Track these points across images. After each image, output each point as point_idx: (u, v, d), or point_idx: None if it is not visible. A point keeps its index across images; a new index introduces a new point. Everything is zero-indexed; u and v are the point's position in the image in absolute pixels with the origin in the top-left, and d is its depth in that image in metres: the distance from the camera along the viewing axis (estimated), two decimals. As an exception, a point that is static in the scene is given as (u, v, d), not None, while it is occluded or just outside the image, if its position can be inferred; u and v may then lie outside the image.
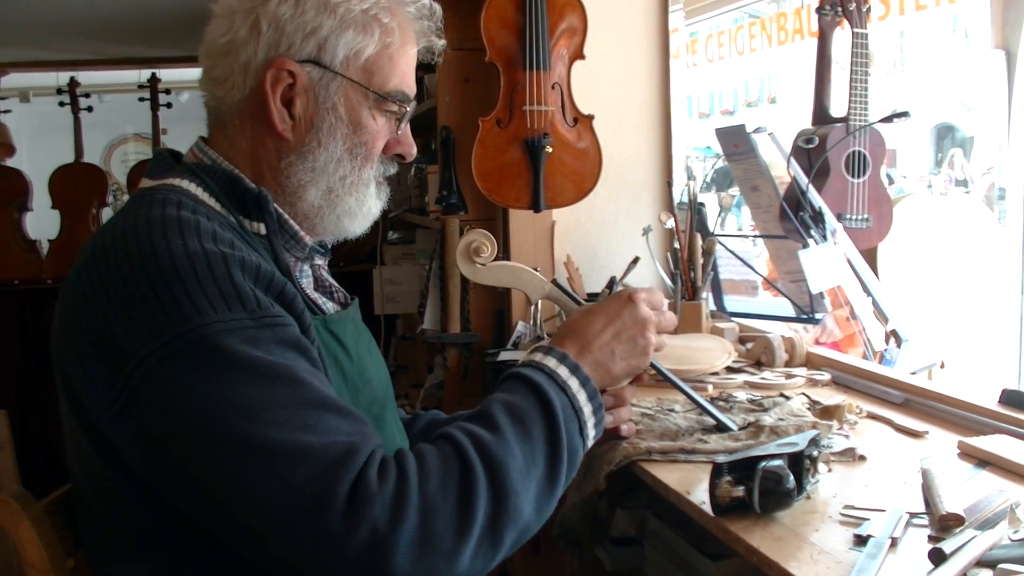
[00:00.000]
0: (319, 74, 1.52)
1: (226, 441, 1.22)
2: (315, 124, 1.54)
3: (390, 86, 1.57)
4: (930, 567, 1.25)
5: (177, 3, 4.87)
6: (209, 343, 1.26)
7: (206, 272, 1.31)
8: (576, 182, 3.05)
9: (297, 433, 1.23)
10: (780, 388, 2.31)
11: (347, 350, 1.59)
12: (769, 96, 5.35)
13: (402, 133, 1.64)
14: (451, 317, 3.37)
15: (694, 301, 2.84)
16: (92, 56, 6.24)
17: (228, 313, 1.29)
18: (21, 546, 1.52)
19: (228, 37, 1.52)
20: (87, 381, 1.33)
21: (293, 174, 1.55)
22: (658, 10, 3.39)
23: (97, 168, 6.11)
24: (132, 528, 1.39)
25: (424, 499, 1.23)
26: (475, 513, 1.26)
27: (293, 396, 1.26)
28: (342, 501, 1.19)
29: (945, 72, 4.04)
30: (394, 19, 1.57)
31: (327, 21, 1.51)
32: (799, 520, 1.46)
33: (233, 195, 1.52)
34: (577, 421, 1.44)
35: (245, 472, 1.21)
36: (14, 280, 5.64)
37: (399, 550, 1.19)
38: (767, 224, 3.03)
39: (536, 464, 1.35)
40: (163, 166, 1.56)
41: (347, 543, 1.18)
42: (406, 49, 1.60)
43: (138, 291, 1.29)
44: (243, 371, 1.26)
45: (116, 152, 8.99)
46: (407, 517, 1.21)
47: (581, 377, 1.48)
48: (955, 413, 1.99)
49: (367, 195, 1.62)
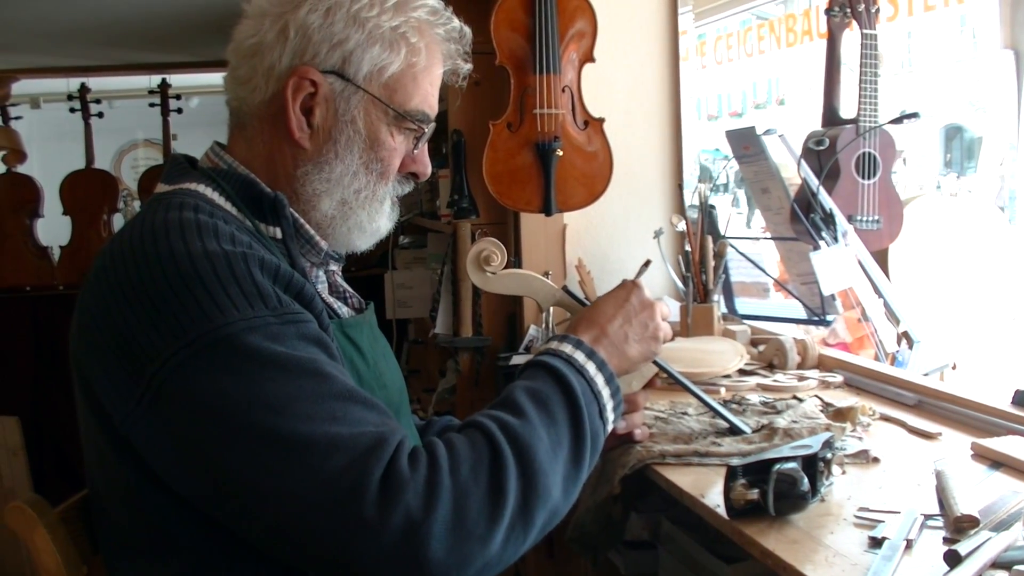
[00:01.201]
0: (341, 86, 1.53)
1: (255, 437, 1.23)
2: (333, 135, 1.54)
3: (411, 105, 1.58)
4: (945, 569, 1.25)
5: (187, 9, 4.88)
6: (233, 341, 1.27)
7: (226, 271, 1.32)
8: (587, 185, 3.05)
9: (326, 425, 1.24)
10: (793, 390, 2.31)
11: (363, 354, 1.59)
12: (777, 98, 5.33)
13: (419, 152, 1.65)
14: (463, 321, 3.37)
15: (706, 304, 2.84)
16: (102, 62, 6.26)
17: (250, 311, 1.30)
18: (36, 553, 1.52)
19: (256, 39, 1.53)
20: (108, 384, 1.34)
21: (309, 183, 1.55)
22: (668, 12, 3.38)
23: (108, 174, 6.12)
24: (150, 531, 1.40)
25: (456, 484, 1.25)
26: (507, 496, 1.27)
27: (319, 389, 1.27)
28: (375, 489, 1.20)
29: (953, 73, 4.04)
30: (422, 39, 1.57)
31: (355, 34, 1.52)
32: (814, 523, 1.46)
33: (249, 199, 1.52)
34: (597, 404, 1.47)
35: (276, 466, 1.22)
36: (26, 286, 5.65)
37: (434, 536, 1.20)
38: (778, 226, 3.03)
39: (562, 446, 1.38)
40: (179, 171, 1.57)
41: (382, 531, 1.19)
42: (431, 70, 1.61)
43: (158, 293, 1.30)
44: (269, 367, 1.26)
45: (126, 158, 9.00)
46: (440, 503, 1.22)
47: (597, 361, 1.52)
48: (968, 414, 1.99)
49: (380, 212, 1.62)
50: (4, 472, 4.29)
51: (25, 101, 7.30)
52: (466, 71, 1.69)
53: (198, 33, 5.50)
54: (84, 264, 5.71)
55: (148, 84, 6.23)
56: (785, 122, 4.27)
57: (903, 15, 4.09)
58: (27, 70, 5.90)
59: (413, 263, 4.33)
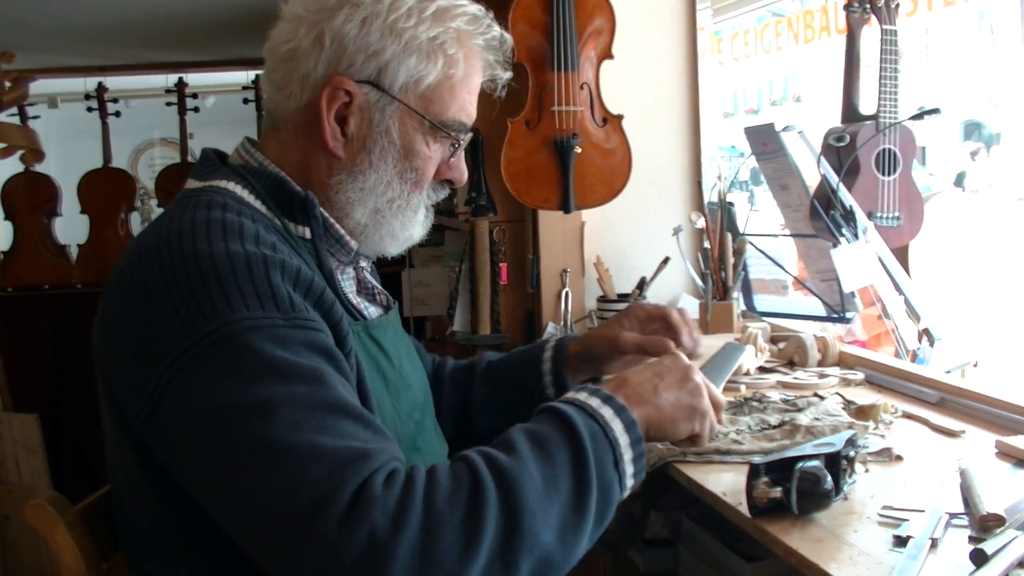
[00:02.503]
0: (376, 96, 1.52)
1: (239, 438, 1.21)
2: (367, 145, 1.54)
3: (447, 115, 1.57)
4: (972, 568, 1.24)
5: (205, 8, 4.88)
6: (236, 339, 1.26)
7: (244, 272, 1.31)
8: (606, 182, 3.04)
9: (312, 434, 1.20)
10: (813, 388, 2.30)
11: (388, 355, 1.59)
12: (794, 95, 5.31)
13: (455, 160, 1.64)
14: (481, 319, 3.37)
15: (725, 301, 2.83)
16: (119, 61, 6.27)
17: (260, 311, 1.29)
18: (57, 550, 1.53)
19: (291, 45, 1.53)
20: (125, 382, 1.34)
21: (342, 191, 1.56)
22: (686, 9, 3.38)
23: (125, 173, 6.13)
24: (169, 530, 1.40)
25: (428, 509, 1.17)
26: (483, 531, 1.18)
27: (313, 398, 1.24)
28: (343, 505, 1.15)
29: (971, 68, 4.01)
30: (461, 49, 1.56)
31: (391, 45, 1.51)
32: (837, 521, 1.45)
33: (279, 198, 1.52)
34: (612, 452, 1.34)
35: (253, 470, 1.19)
36: (44, 285, 5.67)
37: (398, 559, 1.13)
38: (797, 223, 3.02)
39: (558, 490, 1.26)
40: (209, 167, 1.57)
41: (344, 549, 1.13)
42: (469, 80, 1.60)
43: (178, 292, 1.30)
44: (265, 368, 1.25)
45: (143, 157, 9.02)
46: (408, 525, 1.15)
47: (615, 406, 1.39)
48: (992, 412, 1.97)
49: (413, 220, 1.62)
50: (23, 469, 4.30)
51: (43, 100, 7.31)
52: (505, 80, 1.68)
53: (215, 32, 5.50)
54: (101, 262, 5.73)
55: (165, 83, 6.23)
56: (802, 119, 4.25)
57: (922, 10, 4.07)
58: (45, 69, 5.90)
59: (431, 261, 4.32)
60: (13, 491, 4.25)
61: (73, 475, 5.27)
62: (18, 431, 4.28)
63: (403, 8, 1.52)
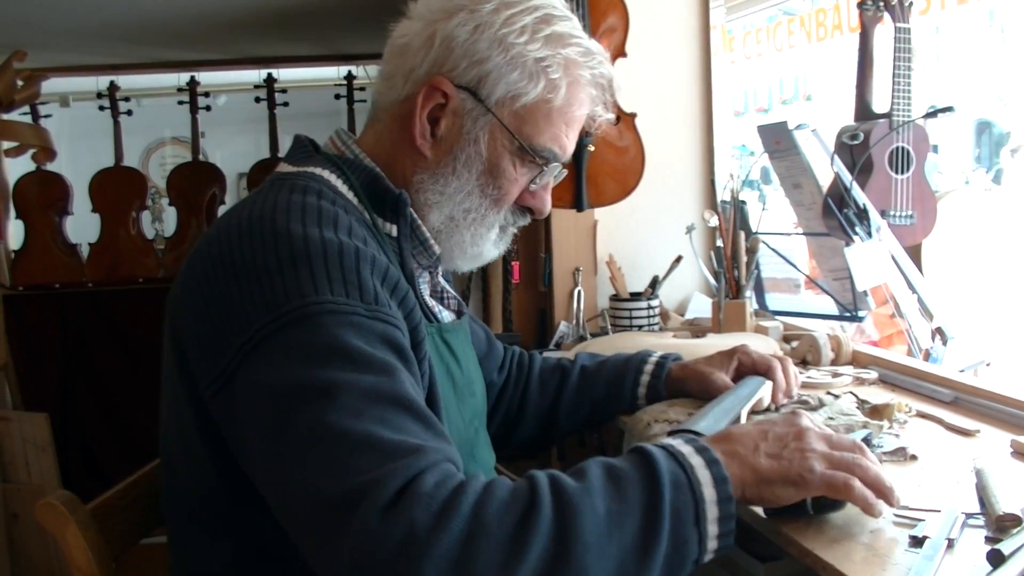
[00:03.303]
0: (472, 104, 1.53)
1: (299, 419, 1.20)
2: (454, 151, 1.54)
3: (538, 140, 1.56)
4: (989, 568, 1.23)
5: (216, 6, 4.88)
6: (314, 320, 1.26)
7: (335, 259, 1.31)
8: (619, 180, 3.04)
9: (370, 424, 1.19)
10: (827, 387, 2.29)
11: (458, 360, 1.59)
12: (805, 93, 5.31)
13: (539, 189, 1.63)
14: (493, 317, 3.37)
15: (738, 300, 2.82)
16: (131, 60, 6.27)
17: (344, 298, 1.29)
18: (67, 549, 1.53)
19: (405, 40, 1.55)
20: (202, 354, 1.34)
21: (423, 191, 1.56)
22: (699, 7, 3.37)
23: (137, 172, 6.13)
24: (222, 506, 1.40)
25: (476, 517, 1.12)
26: (529, 551, 1.11)
27: (378, 389, 1.23)
28: (388, 497, 1.11)
29: (981, 67, 4.00)
30: (566, 77, 1.55)
31: (496, 56, 1.51)
32: (852, 521, 1.44)
33: (372, 193, 1.53)
34: (694, 506, 1.23)
35: (307, 451, 1.18)
36: (55, 284, 5.67)
37: (432, 561, 1.08)
38: (810, 221, 3.01)
39: (623, 531, 1.17)
40: (303, 153, 1.58)
41: (381, 541, 1.09)
42: (569, 110, 1.58)
43: (266, 270, 1.30)
44: (337, 353, 1.24)
45: (154, 156, 9.02)
46: (450, 529, 1.10)
47: (708, 458, 1.28)
48: (1007, 411, 1.96)
49: (485, 238, 1.62)
50: (33, 468, 4.30)
51: (55, 99, 7.32)
52: (604, 121, 1.66)
53: (227, 31, 5.50)
54: (112, 261, 5.73)
55: (176, 82, 6.23)
56: (812, 117, 4.25)
57: (935, 9, 4.06)
58: (57, 68, 5.90)
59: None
60: (22, 490, 4.25)
61: (82, 474, 5.28)
62: (27, 430, 4.28)
63: (517, 24, 1.52)
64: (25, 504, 4.19)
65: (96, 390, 5.60)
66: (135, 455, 2.31)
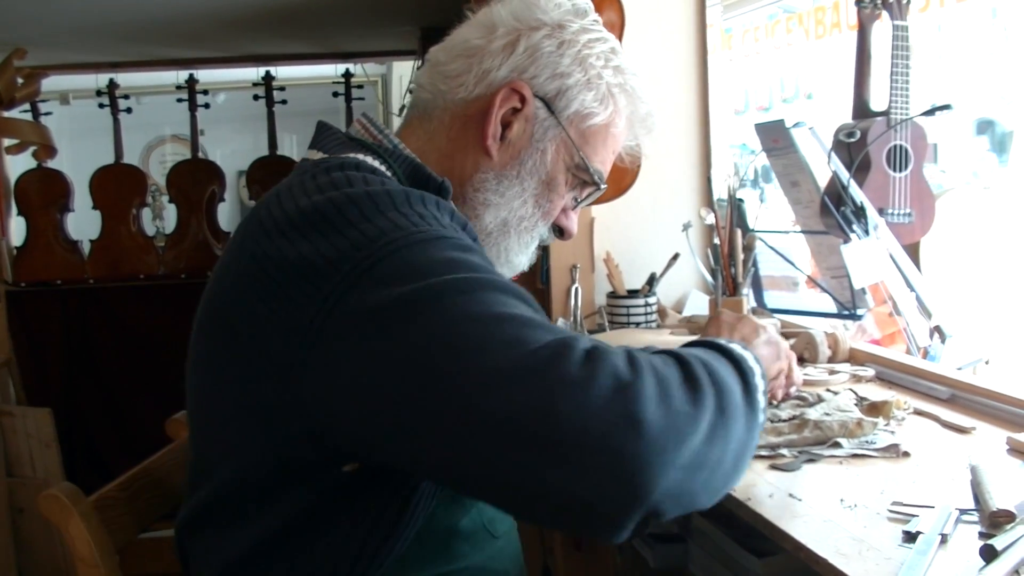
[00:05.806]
0: (545, 115, 1.54)
1: (449, 320, 1.14)
2: (521, 156, 1.55)
3: (594, 160, 1.60)
4: (981, 564, 1.23)
5: (215, 5, 4.89)
6: (421, 245, 1.22)
7: (418, 199, 1.31)
8: (615, 179, 3.03)
9: (522, 309, 1.17)
10: (824, 384, 2.29)
11: None
12: (805, 92, 5.30)
13: (574, 210, 1.66)
14: (491, 314, 3.37)
15: (735, 297, 2.83)
16: (131, 58, 6.29)
17: (440, 228, 1.27)
18: (71, 541, 1.54)
19: (480, 42, 1.55)
20: (270, 322, 1.24)
21: (484, 190, 1.56)
22: (696, 5, 3.38)
23: (137, 169, 6.15)
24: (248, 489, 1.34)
25: (652, 362, 1.14)
26: (702, 386, 1.16)
27: (509, 287, 1.21)
28: (580, 353, 1.09)
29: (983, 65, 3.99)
30: (627, 107, 1.61)
31: (577, 73, 1.55)
32: (847, 516, 1.45)
33: (415, 180, 1.49)
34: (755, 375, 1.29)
35: (475, 339, 1.12)
36: (57, 280, 5.69)
37: (646, 396, 1.08)
38: (807, 219, 3.01)
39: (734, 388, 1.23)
40: (335, 141, 1.55)
41: (590, 385, 1.07)
42: (618, 139, 1.64)
43: (343, 218, 1.25)
44: (459, 264, 1.21)
45: (154, 153, 9.03)
46: (645, 371, 1.11)
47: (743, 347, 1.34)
48: (1003, 409, 1.97)
49: (526, 247, 1.62)
50: (37, 464, 4.32)
51: (55, 97, 7.35)
52: (632, 156, 1.72)
53: (225, 29, 5.51)
54: (114, 258, 5.76)
55: (176, 80, 6.25)
56: (813, 116, 4.24)
57: (935, 6, 4.06)
58: (57, 66, 5.92)
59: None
60: (27, 485, 4.27)
61: (86, 469, 5.30)
62: (31, 425, 4.30)
63: (596, 49, 1.58)
64: (30, 498, 4.21)
65: (98, 385, 5.62)
66: (137, 449, 2.31)
